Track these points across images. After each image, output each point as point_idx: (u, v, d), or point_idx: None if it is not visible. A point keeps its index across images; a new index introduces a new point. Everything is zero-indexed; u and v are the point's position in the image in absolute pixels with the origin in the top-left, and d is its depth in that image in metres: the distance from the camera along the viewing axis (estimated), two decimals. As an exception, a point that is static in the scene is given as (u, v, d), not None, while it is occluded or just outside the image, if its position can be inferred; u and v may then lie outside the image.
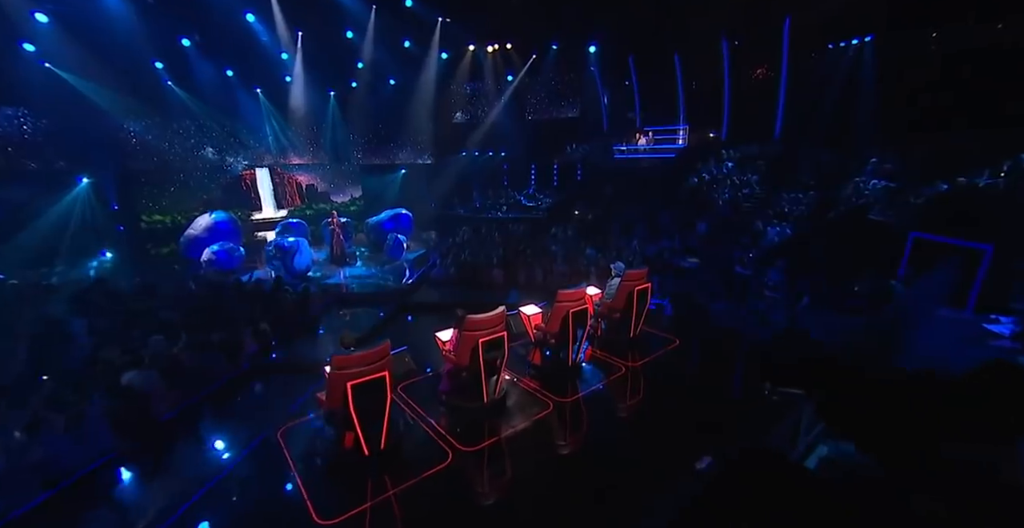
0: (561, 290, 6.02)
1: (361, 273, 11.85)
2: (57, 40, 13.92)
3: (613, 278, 7.15)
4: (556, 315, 5.99)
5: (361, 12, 15.26)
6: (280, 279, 9.29)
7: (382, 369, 4.31)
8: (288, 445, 4.80)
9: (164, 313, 7.27)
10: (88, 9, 13.28)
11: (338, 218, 12.56)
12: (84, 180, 15.26)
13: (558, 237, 13.21)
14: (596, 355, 6.77)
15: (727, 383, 6.04)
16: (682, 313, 8.21)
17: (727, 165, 14.14)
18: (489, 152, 22.71)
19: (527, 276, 10.39)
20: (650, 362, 6.49)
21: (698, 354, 6.91)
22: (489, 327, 5.19)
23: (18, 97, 14.07)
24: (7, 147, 14.38)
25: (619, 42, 17.53)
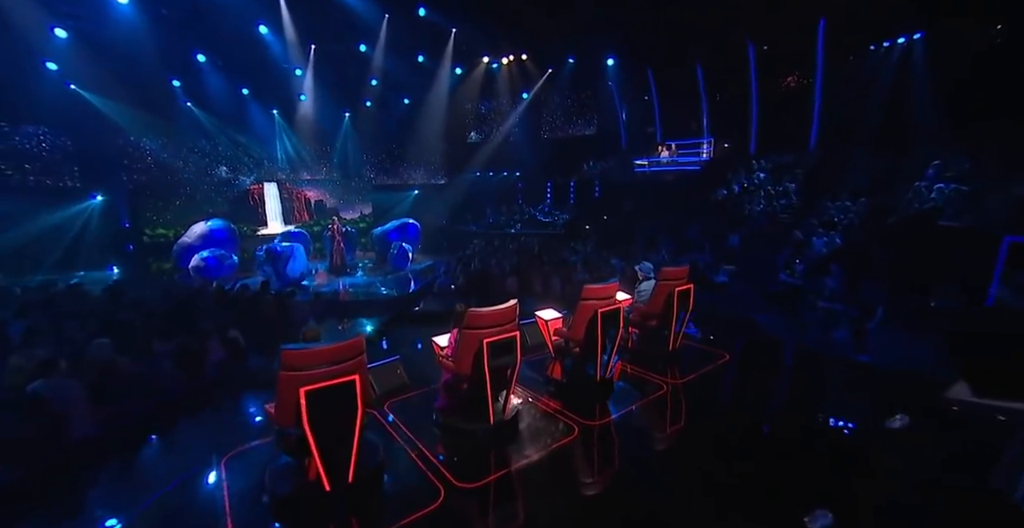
0: (588, 285, 4.90)
1: (361, 282, 10.88)
2: (76, 57, 14.13)
3: (641, 282, 6.02)
4: (581, 316, 4.85)
5: (374, 22, 14.98)
6: (266, 284, 8.31)
7: (352, 371, 3.20)
8: (231, 477, 3.65)
9: (124, 316, 6.29)
10: (106, 25, 13.20)
11: (339, 225, 11.69)
12: (98, 197, 15.26)
13: (577, 249, 12.14)
14: (627, 371, 5.56)
15: (818, 407, 4.72)
16: (724, 325, 6.98)
17: (759, 176, 13.11)
18: (503, 172, 22.15)
19: (544, 285, 9.27)
20: (697, 379, 5.24)
21: (760, 371, 5.62)
22: (497, 324, 4.08)
23: (39, 115, 14.18)
24: (25, 164, 14.43)
25: (638, 55, 17.01)
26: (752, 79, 13.87)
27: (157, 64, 15.40)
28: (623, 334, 5.26)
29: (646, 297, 5.81)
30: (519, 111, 21.37)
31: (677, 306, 5.45)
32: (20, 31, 12.31)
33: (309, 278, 10.89)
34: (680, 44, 15.05)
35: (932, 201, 7.74)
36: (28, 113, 14.01)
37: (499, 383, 4.27)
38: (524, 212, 19.01)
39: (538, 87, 19.72)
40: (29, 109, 13.81)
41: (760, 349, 6.25)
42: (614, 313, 4.89)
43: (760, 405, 4.83)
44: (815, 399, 4.90)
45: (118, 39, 13.80)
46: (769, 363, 5.74)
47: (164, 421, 4.58)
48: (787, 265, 7.98)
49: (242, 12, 14.06)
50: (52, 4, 12.46)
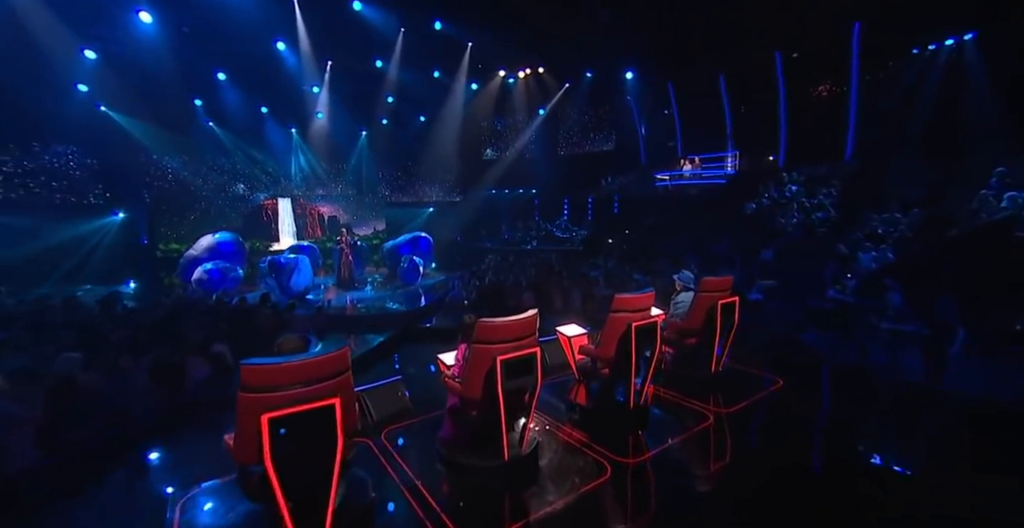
0: (619, 295, 4.21)
1: (369, 297, 10.31)
2: (103, 78, 14.51)
3: (680, 293, 5.31)
4: (612, 332, 4.15)
5: (390, 37, 14.92)
6: (266, 297, 7.79)
7: (331, 393, 2.54)
8: (185, 523, 2.98)
9: (108, 328, 5.77)
10: (131, 45, 13.44)
11: (348, 237, 11.22)
12: (119, 214, 15.42)
13: (598, 264, 11.44)
14: (661, 395, 4.79)
15: (896, 445, 3.89)
16: (770, 346, 6.17)
17: (791, 188, 12.36)
18: (519, 189, 21.76)
19: (564, 300, 8.57)
20: (747, 409, 4.44)
21: (822, 401, 4.78)
22: (513, 338, 3.40)
23: (69, 135, 14.50)
24: (52, 182, 14.66)
25: (657, 67, 16.64)
26: (780, 89, 13.29)
27: (179, 83, 15.77)
28: (659, 353, 4.51)
29: (683, 311, 5.08)
30: (535, 127, 21.12)
31: (721, 322, 4.70)
32: (53, 54, 12.65)
33: (315, 292, 10.37)
34: (702, 55, 14.63)
35: (1004, 210, 6.89)
36: (59, 133, 14.32)
37: (515, 409, 3.57)
38: (541, 228, 18.44)
39: (555, 102, 19.45)
40: (60, 129, 14.11)
41: (818, 374, 5.40)
42: (650, 328, 4.17)
43: (826, 442, 4.01)
44: (891, 436, 4.06)
45: (142, 59, 14.10)
46: (831, 391, 4.90)
47: (124, 449, 3.95)
48: (836, 280, 7.15)
49: (260, 29, 14.13)
50: (81, 27, 12.70)
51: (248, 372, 2.36)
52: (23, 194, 14.30)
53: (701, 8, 12.24)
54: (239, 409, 2.37)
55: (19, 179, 14.38)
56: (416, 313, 8.78)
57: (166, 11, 13.00)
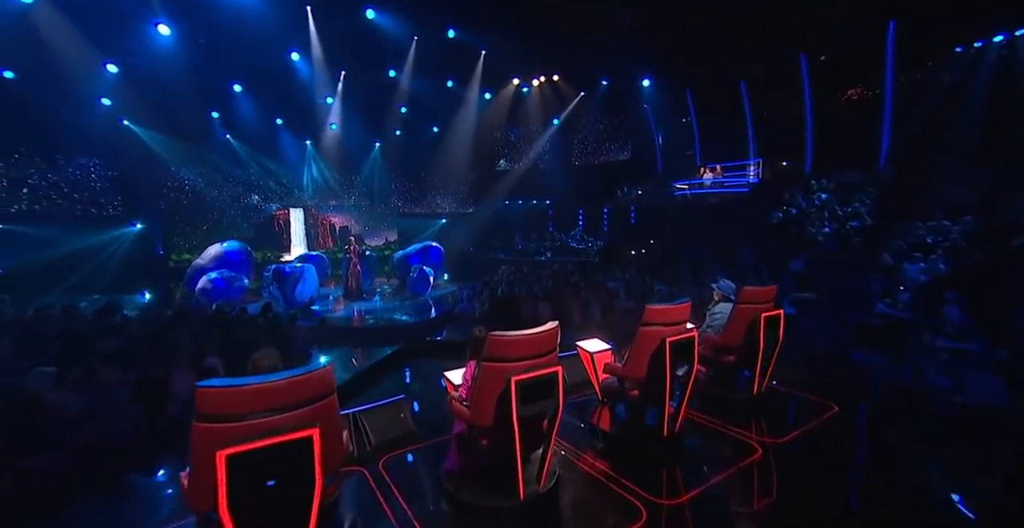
0: (651, 306, 3.69)
1: (377, 308, 9.89)
2: (124, 91, 14.70)
3: (718, 304, 4.76)
4: (642, 347, 3.62)
5: (403, 46, 14.81)
6: (267, 307, 7.41)
7: (309, 423, 2.06)
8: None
9: (98, 340, 5.41)
10: (149, 58, 13.58)
11: (356, 246, 10.86)
12: (137, 225, 15.50)
13: (617, 275, 10.90)
14: (695, 420, 4.21)
15: (981, 485, 3.27)
16: (816, 365, 5.55)
17: (820, 196, 11.74)
18: (533, 200, 21.40)
19: (582, 313, 8.03)
20: (800, 439, 3.84)
21: (886, 431, 4.14)
22: (531, 355, 2.91)
23: (92, 147, 14.78)
24: (74, 194, 14.95)
25: (675, 75, 16.26)
26: (806, 94, 12.75)
27: (197, 95, 16.01)
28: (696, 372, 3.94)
29: (721, 323, 4.53)
30: (549, 137, 20.84)
31: (764, 337, 4.13)
32: (77, 69, 12.96)
33: (322, 302, 10.00)
34: (722, 61, 14.21)
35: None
36: (82, 146, 14.61)
37: (532, 439, 3.06)
38: (556, 239, 17.97)
39: (569, 110, 19.15)
40: (83, 142, 14.39)
41: (875, 399, 4.75)
42: (686, 343, 3.64)
43: (898, 481, 3.39)
44: (968, 471, 3.43)
45: (161, 72, 14.31)
46: (894, 419, 4.26)
47: (94, 480, 3.51)
48: (887, 293, 6.51)
49: (275, 40, 14.15)
50: (104, 42, 12.93)
51: (204, 397, 1.91)
52: (46, 205, 14.59)
53: (721, 12, 11.86)
54: (193, 442, 1.91)
55: (43, 191, 14.69)
56: (425, 325, 8.32)
57: (183, 24, 13.11)
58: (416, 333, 7.85)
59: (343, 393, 5.55)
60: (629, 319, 8.08)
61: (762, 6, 10.84)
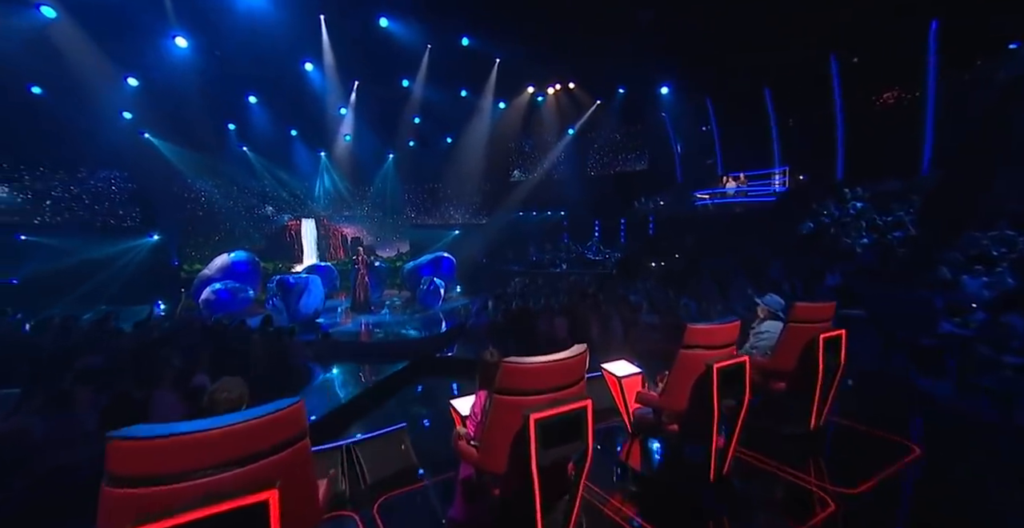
0: (693, 326, 3.14)
1: (386, 321, 9.43)
2: (143, 104, 14.79)
3: (763, 322, 4.18)
4: (684, 374, 3.07)
5: (416, 53, 14.64)
6: (268, 320, 7.00)
7: (265, 482, 1.56)
8: None
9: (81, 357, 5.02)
10: (168, 71, 13.72)
11: (364, 257, 10.46)
12: (154, 237, 15.70)
13: (638, 288, 10.31)
14: (742, 457, 3.59)
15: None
16: (878, 393, 4.88)
17: (855, 205, 11.04)
18: (547, 211, 20.99)
19: (602, 328, 7.46)
20: (882, 489, 3.18)
21: (987, 481, 3.43)
22: (553, 387, 2.38)
23: (113, 160, 15.09)
24: (95, 205, 15.21)
25: (695, 82, 15.79)
26: (836, 98, 12.13)
27: (213, 107, 16.14)
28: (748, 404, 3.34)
29: (768, 345, 3.94)
30: (564, 147, 20.49)
31: (823, 362, 3.53)
32: (98, 82, 13.07)
33: (328, 315, 9.59)
34: (744, 67, 13.70)
35: None
36: (104, 158, 14.84)
37: (555, 487, 2.51)
38: (571, 250, 17.43)
39: (585, 119, 18.77)
40: (105, 154, 14.59)
41: (965, 439, 4.02)
42: (737, 371, 3.07)
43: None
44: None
45: (179, 85, 14.41)
46: (995, 466, 3.56)
47: (42, 519, 3.05)
48: (955, 311, 5.79)
49: (289, 49, 14.09)
50: (123, 56, 13.02)
51: (119, 451, 1.42)
52: (68, 217, 14.78)
53: (744, 14, 11.40)
54: (99, 514, 1.42)
55: (65, 203, 14.93)
56: (434, 341, 7.82)
57: (200, 36, 13.14)
58: (425, 349, 7.35)
59: (343, 415, 5.08)
60: (653, 336, 7.49)
61: (789, 7, 10.34)
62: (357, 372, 6.80)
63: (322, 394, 5.70)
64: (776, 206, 13.14)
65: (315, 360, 6.81)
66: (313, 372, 6.40)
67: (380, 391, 5.71)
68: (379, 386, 5.79)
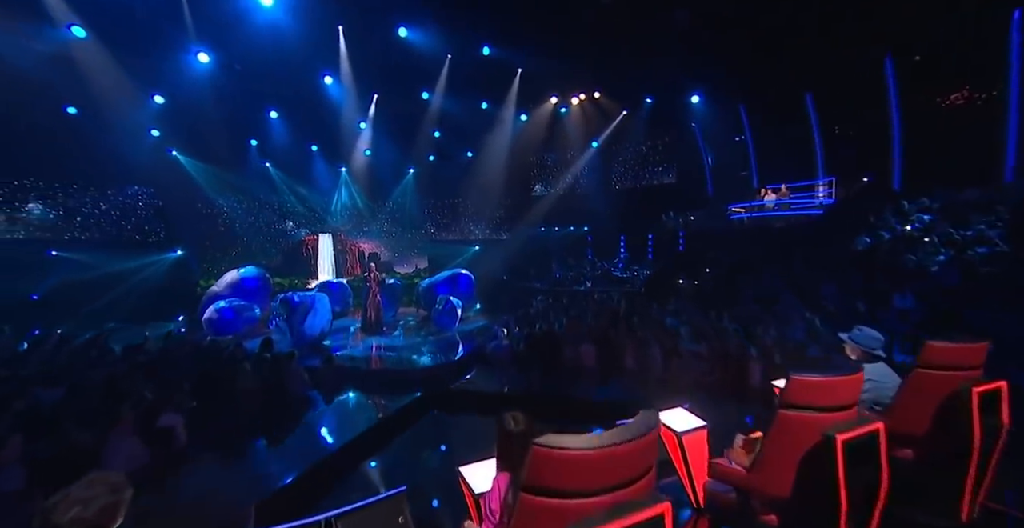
0: (798, 376, 2.22)
1: (398, 344, 8.63)
2: (168, 120, 14.95)
3: (862, 362, 3.19)
4: (785, 443, 2.15)
5: (437, 63, 14.23)
6: (268, 344, 6.29)
7: None
8: None
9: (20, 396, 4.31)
10: (190, 88, 13.72)
11: (376, 273, 9.73)
12: (178, 252, 15.62)
13: (672, 309, 9.30)
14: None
15: None
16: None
17: (922, 218, 9.88)
18: (570, 226, 20.20)
19: (639, 358, 6.51)
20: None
21: None
22: (610, 485, 1.48)
23: (142, 177, 15.30)
24: (121, 221, 15.28)
25: (728, 89, 14.91)
26: (891, 101, 11.06)
27: (234, 123, 16.20)
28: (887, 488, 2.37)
29: (874, 398, 2.96)
30: (588, 160, 19.79)
31: (980, 427, 2.54)
32: (125, 99, 13.18)
33: (337, 336, 8.87)
34: (785, 71, 12.78)
35: None
36: (132, 175, 14.99)
37: None
38: (596, 267, 16.49)
39: (610, 131, 18.03)
40: (133, 171, 14.74)
41: None
42: (868, 443, 2.13)
43: None
44: None
45: (200, 101, 14.43)
46: None
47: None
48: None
49: (308, 63, 13.89)
50: (147, 74, 13.14)
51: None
52: (96, 233, 14.84)
53: (789, 13, 10.57)
54: None
55: (94, 219, 15.05)
56: (448, 369, 6.97)
57: (220, 51, 13.07)
58: (438, 378, 6.51)
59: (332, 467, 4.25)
60: (698, 366, 6.50)
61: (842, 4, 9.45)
62: (362, 404, 5.99)
63: (313, 435, 4.90)
64: (823, 220, 11.99)
65: (318, 388, 6.04)
66: (313, 403, 5.63)
67: (383, 432, 4.87)
68: (382, 426, 4.96)
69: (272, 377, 5.10)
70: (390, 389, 6.18)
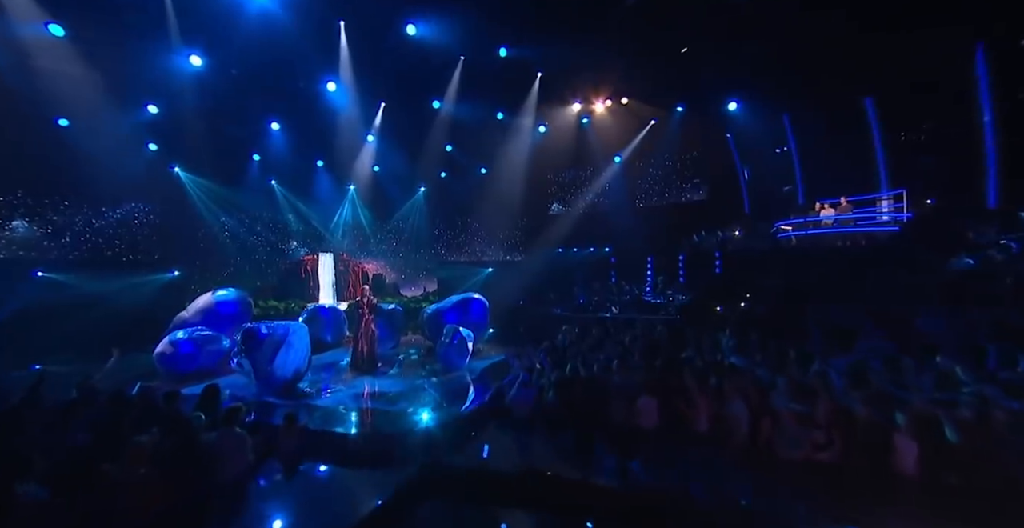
0: None
1: (393, 389, 6.84)
2: (164, 132, 14.19)
3: None
4: None
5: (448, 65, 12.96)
6: (213, 392, 4.63)
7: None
8: None
9: None
10: (186, 95, 13.04)
11: (371, 298, 7.96)
12: (175, 273, 14.75)
13: (734, 345, 7.46)
14: None
15: None
16: None
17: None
18: (591, 248, 18.61)
19: (715, 415, 4.71)
20: None
21: None
22: None
23: (137, 194, 14.53)
24: (115, 239, 14.41)
25: (771, 96, 13.40)
26: (983, 98, 9.38)
27: (232, 134, 15.34)
28: None
29: None
30: (611, 175, 18.39)
31: None
32: (119, 110, 12.67)
33: (318, 374, 7.17)
34: (839, 73, 11.27)
35: None
36: (127, 192, 14.25)
37: None
38: (624, 292, 14.70)
39: (637, 142, 16.59)
40: (127, 188, 14.00)
41: None
42: None
43: None
44: None
45: (196, 109, 13.47)
46: None
47: None
48: None
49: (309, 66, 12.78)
50: (139, 84, 12.49)
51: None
52: (86, 252, 13.81)
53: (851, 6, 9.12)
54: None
55: (85, 237, 14.04)
56: (452, 430, 5.18)
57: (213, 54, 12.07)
58: (440, 445, 4.74)
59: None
60: (803, 435, 4.66)
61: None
62: (331, 489, 4.23)
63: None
64: (902, 237, 10.17)
65: (271, 458, 4.32)
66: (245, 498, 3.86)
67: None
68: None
69: (184, 456, 3.40)
70: (373, 462, 4.44)
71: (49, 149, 12.28)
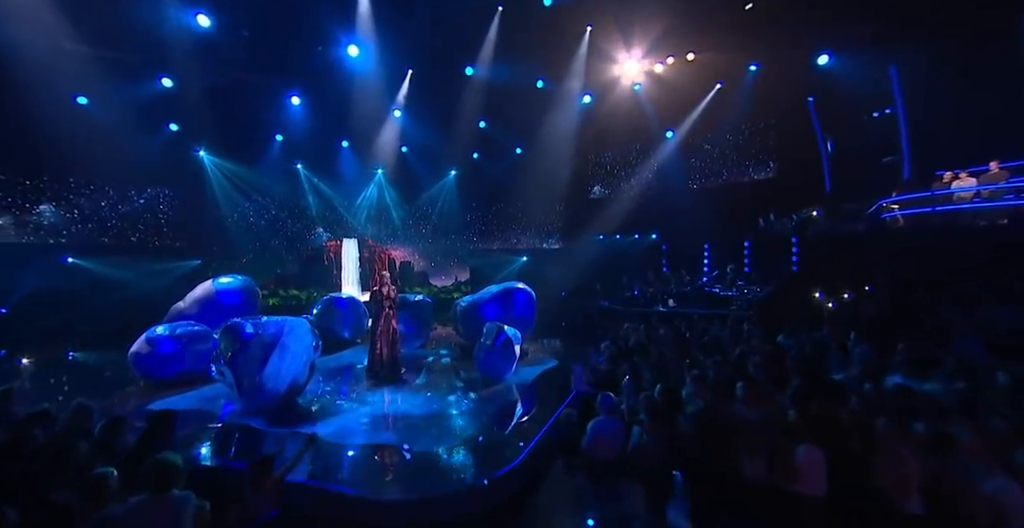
0: None
1: (418, 409, 5.13)
2: (189, 116, 13.56)
3: None
4: None
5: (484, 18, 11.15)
6: (165, 419, 3.09)
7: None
8: None
9: None
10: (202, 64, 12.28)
11: (392, 288, 6.26)
12: (198, 262, 14.25)
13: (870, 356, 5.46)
14: None
15: None
16: None
17: None
18: (635, 234, 16.63)
19: (894, 477, 2.82)
20: None
21: None
22: None
23: (160, 178, 14.24)
24: (138, 224, 14.15)
25: (874, 44, 11.00)
26: None
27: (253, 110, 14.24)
28: None
29: None
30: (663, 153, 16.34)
31: None
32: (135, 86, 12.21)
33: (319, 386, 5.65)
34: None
35: None
36: (151, 175, 13.91)
37: None
38: (683, 282, 12.69)
39: (700, 110, 14.39)
40: (151, 170, 13.66)
41: None
42: None
43: None
44: None
45: (213, 79, 12.85)
46: None
47: None
48: None
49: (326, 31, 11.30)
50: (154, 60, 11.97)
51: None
52: (112, 238, 13.51)
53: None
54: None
55: (112, 223, 13.80)
56: (500, 489, 3.48)
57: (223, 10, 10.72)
58: (479, 520, 3.06)
59: None
60: None
61: None
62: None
63: None
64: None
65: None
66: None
67: None
68: None
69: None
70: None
71: (68, 129, 11.57)
